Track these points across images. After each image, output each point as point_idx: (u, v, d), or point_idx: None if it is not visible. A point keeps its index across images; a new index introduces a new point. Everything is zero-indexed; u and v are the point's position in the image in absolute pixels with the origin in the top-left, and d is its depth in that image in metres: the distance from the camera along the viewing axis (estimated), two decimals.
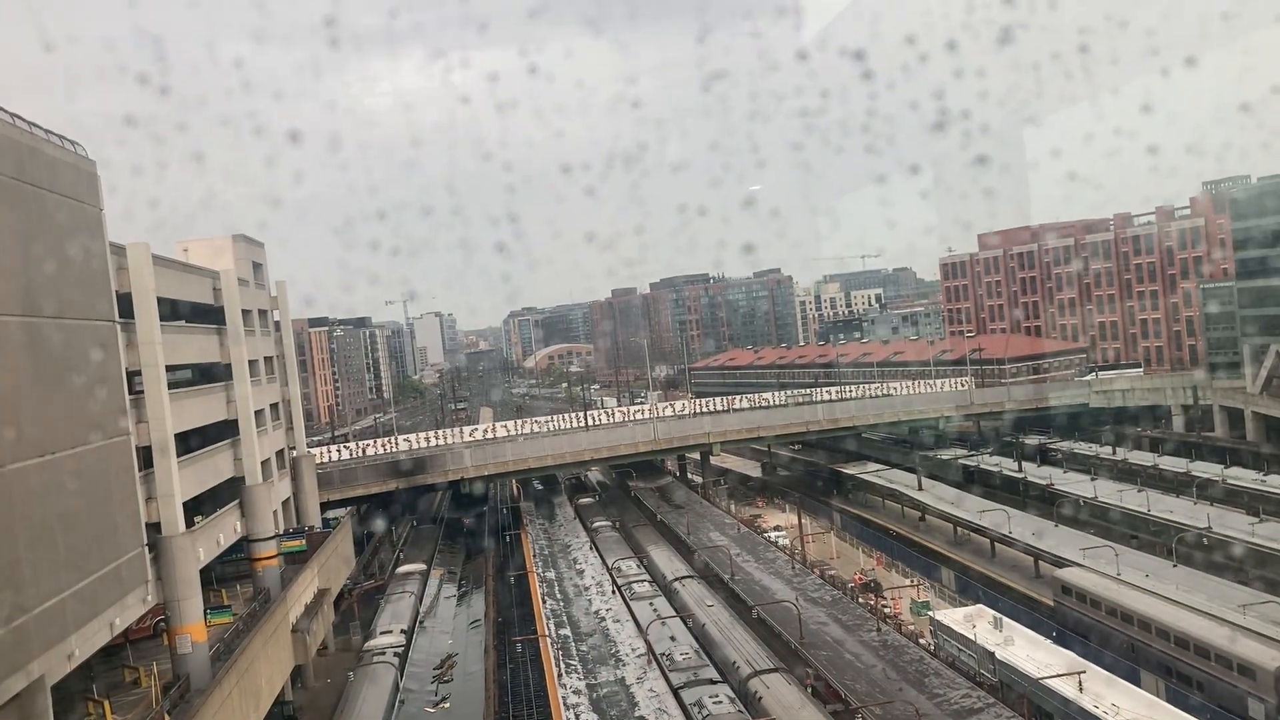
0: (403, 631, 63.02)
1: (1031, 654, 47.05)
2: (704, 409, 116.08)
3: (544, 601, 70.39)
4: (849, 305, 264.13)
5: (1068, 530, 70.11)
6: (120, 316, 36.59)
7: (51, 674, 26.55)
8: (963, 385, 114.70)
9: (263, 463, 56.12)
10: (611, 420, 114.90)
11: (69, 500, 28.65)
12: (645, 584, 69.16)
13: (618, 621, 63.96)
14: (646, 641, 56.96)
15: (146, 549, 35.25)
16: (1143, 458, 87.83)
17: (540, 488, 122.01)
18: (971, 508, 78.64)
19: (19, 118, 28.50)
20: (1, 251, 26.53)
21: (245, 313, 56.67)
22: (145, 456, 39.03)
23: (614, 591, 70.39)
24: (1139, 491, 75.94)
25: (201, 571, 43.05)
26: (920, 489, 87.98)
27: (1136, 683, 44.58)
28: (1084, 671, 43.06)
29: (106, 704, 35.31)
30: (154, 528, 38.88)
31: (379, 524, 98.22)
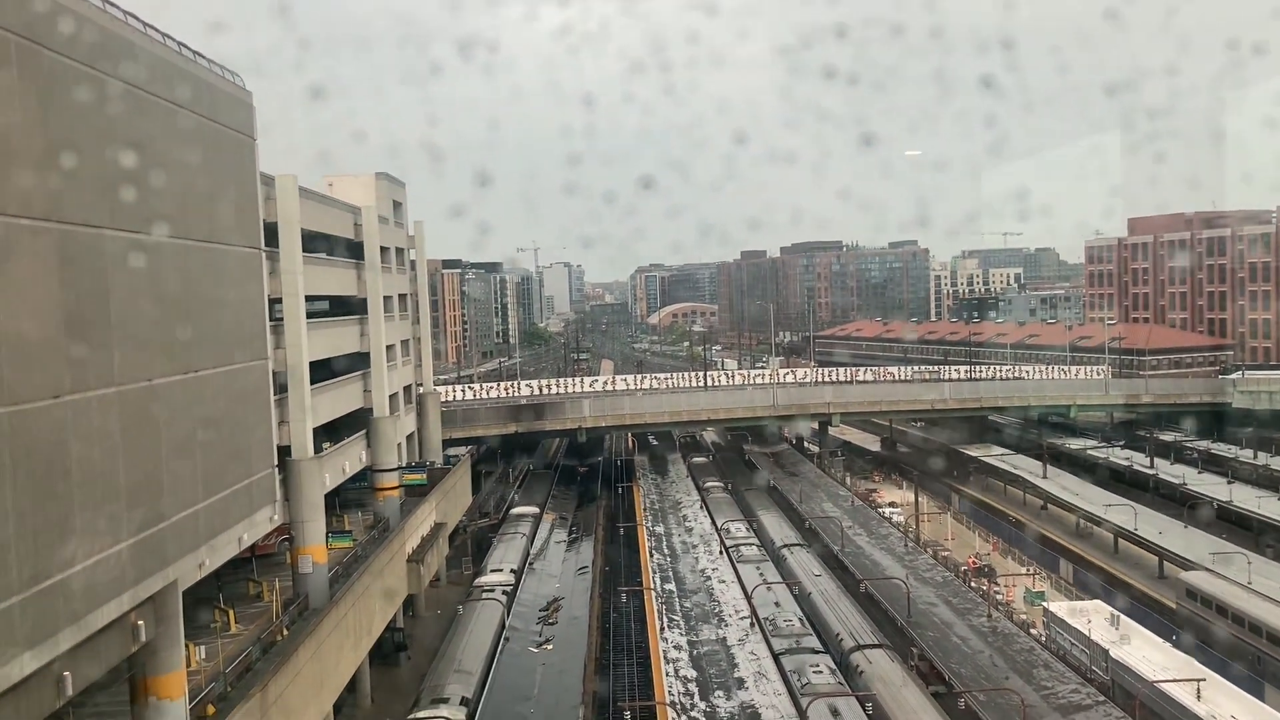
0: (512, 571, 64.45)
1: (1148, 655, 45.45)
2: (826, 378, 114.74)
3: (651, 555, 70.98)
4: (986, 283, 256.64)
5: (1198, 532, 67.27)
6: (265, 245, 37.79)
7: (184, 580, 27.88)
8: (1099, 374, 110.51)
9: (390, 396, 57.71)
10: (731, 383, 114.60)
11: (208, 418, 29.89)
12: (753, 548, 69.11)
13: (723, 582, 64.12)
14: (751, 605, 56.98)
15: (276, 470, 36.60)
16: None
17: (655, 443, 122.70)
18: (1097, 500, 76.06)
19: (185, 46, 29.52)
20: (159, 175, 27.63)
21: (383, 250, 58.10)
22: (280, 382, 40.44)
23: (721, 552, 70.54)
24: None
25: (326, 496, 44.53)
26: (1045, 477, 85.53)
27: (1260, 697, 42.68)
28: (1204, 679, 41.40)
29: (231, 613, 37.07)
30: (284, 450, 40.25)
31: (497, 465, 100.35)
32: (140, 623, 25.50)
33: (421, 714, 41.64)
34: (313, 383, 43.41)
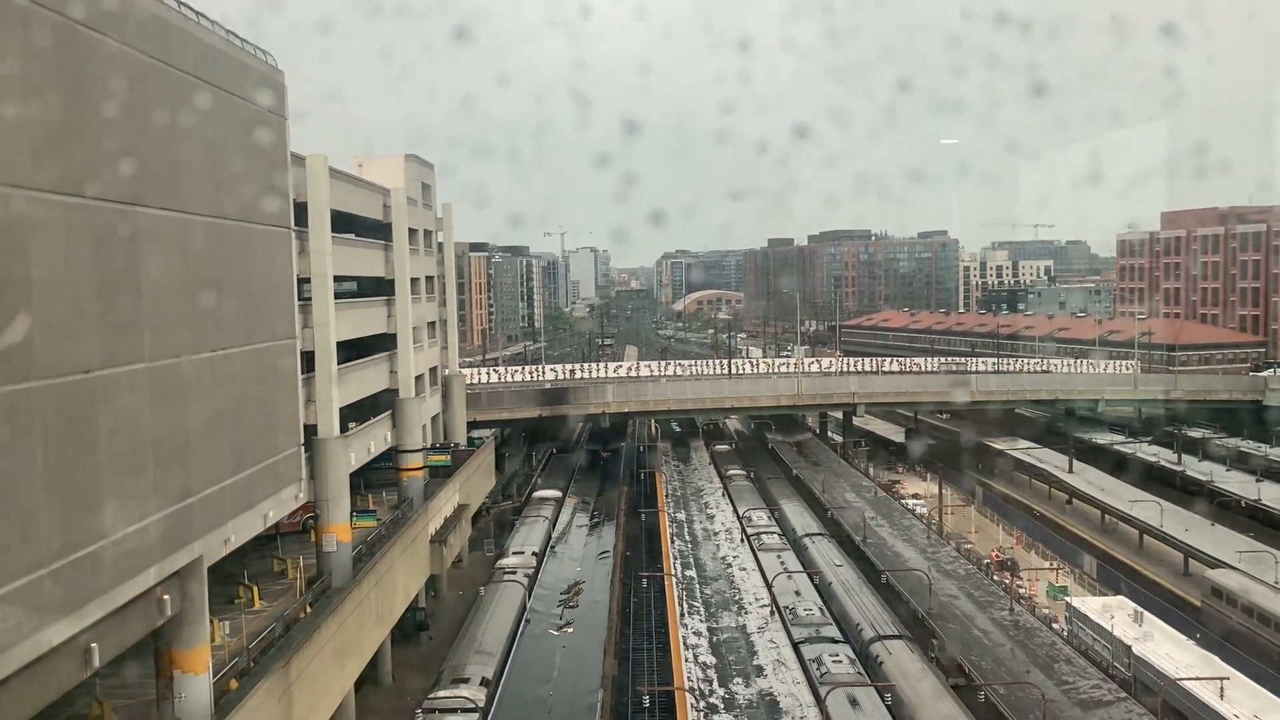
0: (534, 554, 64.72)
1: (1171, 653, 45.11)
2: (851, 368, 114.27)
3: (672, 541, 71.06)
4: (1016, 275, 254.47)
5: (1225, 530, 66.64)
6: (295, 225, 37.94)
7: (209, 555, 28.14)
8: (1127, 369, 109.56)
9: (416, 378, 57.97)
10: (755, 371, 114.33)
11: (235, 396, 30.12)
12: (775, 536, 69.05)
13: (744, 570, 64.11)
14: (771, 593, 56.95)
15: (302, 449, 36.84)
16: None
17: (678, 430, 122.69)
18: (1123, 496, 75.53)
19: (218, 25, 29.63)
20: (191, 152, 27.80)
21: (411, 231, 58.27)
22: (307, 361, 40.69)
23: (742, 540, 70.51)
24: None
25: (351, 476, 44.80)
26: (1071, 471, 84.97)
27: None
28: (1227, 678, 41.05)
29: (255, 590, 37.42)
30: (310, 429, 40.54)
31: (521, 448, 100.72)
32: (166, 597, 25.78)
33: (442, 693, 41.93)
34: (340, 362, 43.65)
